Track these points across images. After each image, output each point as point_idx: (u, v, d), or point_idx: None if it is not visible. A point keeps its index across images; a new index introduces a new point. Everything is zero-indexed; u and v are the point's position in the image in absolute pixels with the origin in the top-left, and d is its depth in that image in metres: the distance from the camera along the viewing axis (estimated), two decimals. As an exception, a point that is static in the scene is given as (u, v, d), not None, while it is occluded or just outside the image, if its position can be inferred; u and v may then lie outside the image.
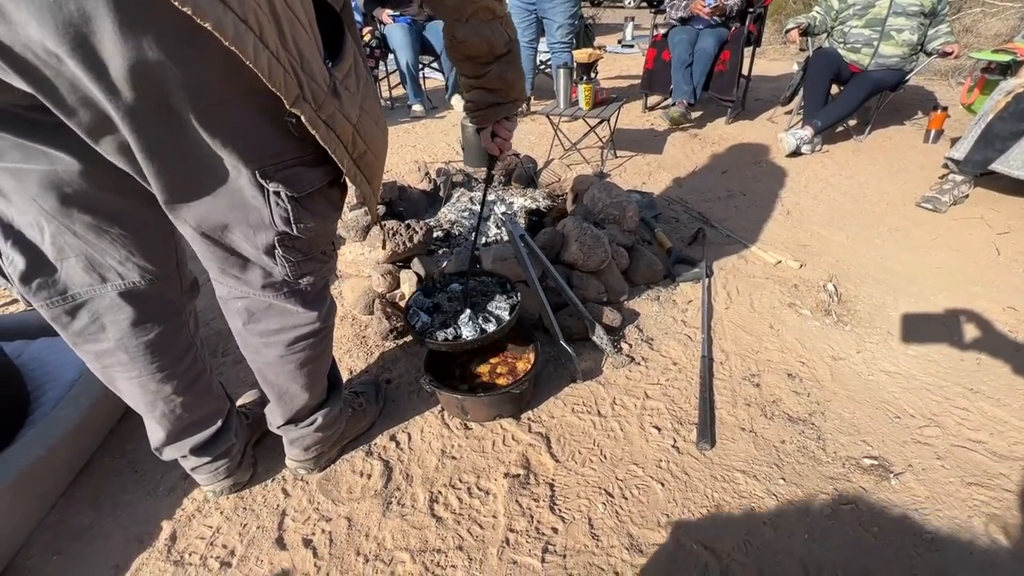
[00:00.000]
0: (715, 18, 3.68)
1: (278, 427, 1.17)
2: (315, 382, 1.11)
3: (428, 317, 1.41)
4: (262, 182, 0.74)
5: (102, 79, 0.57)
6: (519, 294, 1.47)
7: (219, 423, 1.14)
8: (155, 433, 1.09)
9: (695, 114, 3.88)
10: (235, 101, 0.67)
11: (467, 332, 1.35)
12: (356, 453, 1.32)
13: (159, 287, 0.93)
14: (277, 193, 0.76)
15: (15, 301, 1.97)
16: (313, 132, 0.71)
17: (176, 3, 0.52)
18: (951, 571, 1.01)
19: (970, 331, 1.66)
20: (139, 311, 0.91)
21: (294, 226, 0.80)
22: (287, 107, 0.67)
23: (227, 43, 0.57)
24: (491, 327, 1.35)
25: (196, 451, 1.12)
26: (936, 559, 1.03)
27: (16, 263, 0.80)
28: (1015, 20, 5.05)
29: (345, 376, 1.57)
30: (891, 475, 1.21)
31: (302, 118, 0.69)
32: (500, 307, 1.43)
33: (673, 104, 3.89)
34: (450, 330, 1.36)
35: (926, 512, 1.12)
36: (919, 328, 1.68)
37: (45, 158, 0.71)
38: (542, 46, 4.03)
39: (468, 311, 1.39)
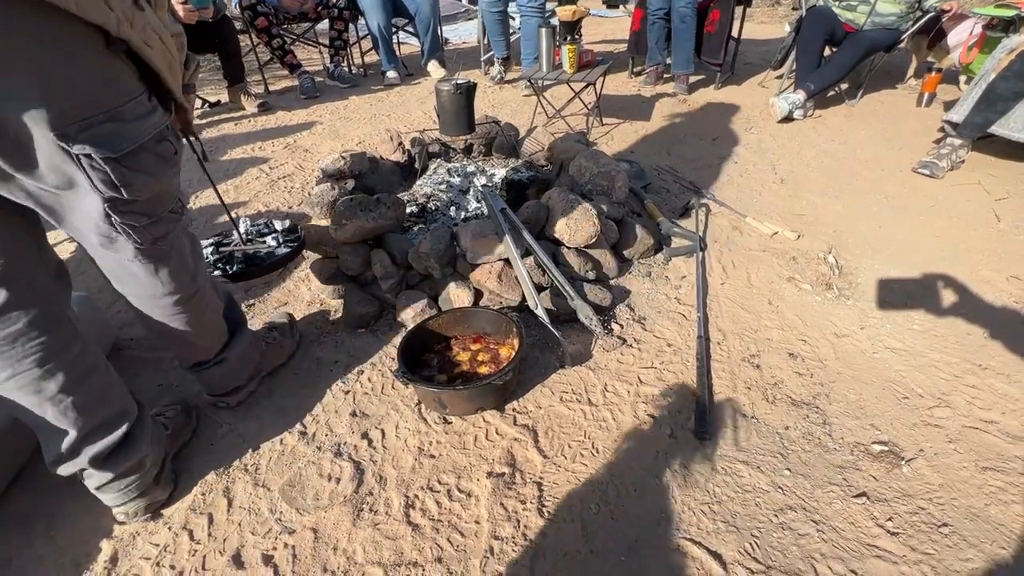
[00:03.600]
0: None
1: (187, 368, 1.17)
2: (207, 330, 1.11)
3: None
4: (63, 145, 0.68)
5: None
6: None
7: (124, 428, 0.98)
8: (49, 445, 0.94)
9: (694, 79, 3.72)
10: (19, 59, 0.63)
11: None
12: (324, 454, 1.19)
13: (13, 271, 0.81)
14: (88, 156, 0.71)
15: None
16: (140, 54, 0.73)
17: None
18: (974, 567, 0.94)
19: (975, 303, 1.58)
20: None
21: (122, 190, 0.76)
22: (114, 36, 0.68)
23: None
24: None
25: (98, 463, 0.95)
26: (955, 554, 0.96)
27: None
28: (1007, -22, 4.91)
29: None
30: (902, 461, 1.12)
31: (131, 42, 0.70)
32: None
33: (644, 70, 3.78)
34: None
35: (941, 501, 1.05)
36: (923, 301, 1.60)
37: None
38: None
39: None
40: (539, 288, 1.54)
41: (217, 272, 1.42)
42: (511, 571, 0.95)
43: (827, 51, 3.33)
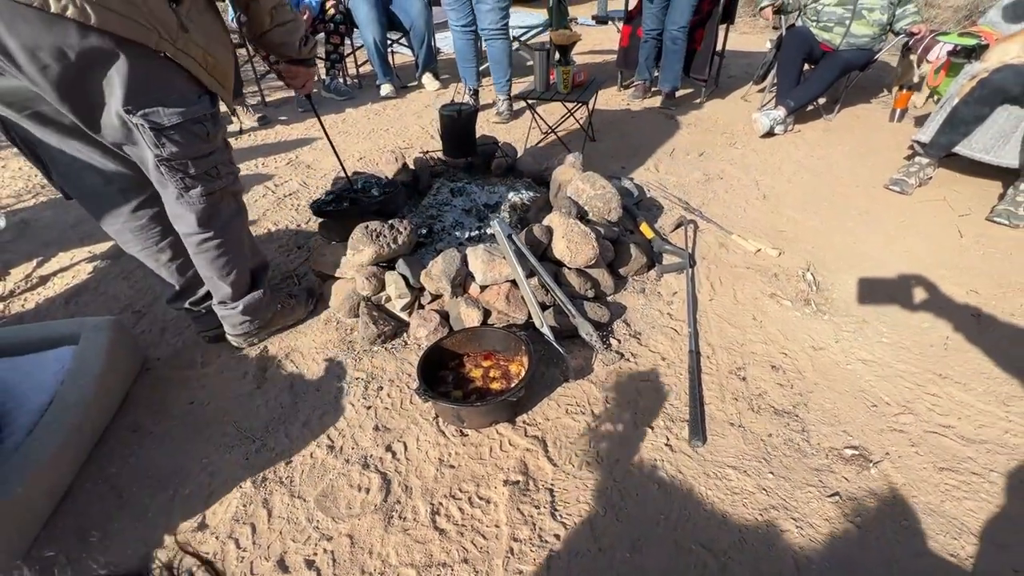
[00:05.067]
0: None
1: (214, 305, 1.54)
2: (229, 274, 1.44)
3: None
4: (125, 117, 1.08)
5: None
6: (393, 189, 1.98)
7: (205, 289, 1.53)
8: (165, 290, 1.55)
9: (681, 92, 3.88)
10: (101, 61, 1.01)
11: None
12: (352, 466, 1.30)
13: (144, 183, 1.30)
14: (140, 126, 1.10)
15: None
16: (177, 61, 1.10)
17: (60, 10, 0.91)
18: (927, 556, 1.08)
19: (938, 316, 1.74)
20: (133, 203, 1.34)
21: (160, 149, 1.15)
22: (152, 48, 1.04)
23: (92, 23, 0.94)
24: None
25: (194, 303, 1.57)
26: (914, 544, 1.10)
27: (57, 177, 1.27)
28: (974, -5, 5.17)
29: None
30: (871, 464, 1.27)
31: (166, 53, 1.07)
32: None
33: (633, 84, 3.90)
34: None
35: (903, 499, 1.19)
36: (891, 315, 1.76)
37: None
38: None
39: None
40: (543, 307, 1.66)
41: (330, 208, 1.88)
42: (530, 569, 1.08)
43: (805, 67, 3.51)
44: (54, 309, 1.88)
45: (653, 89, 3.98)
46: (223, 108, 1.32)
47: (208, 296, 1.57)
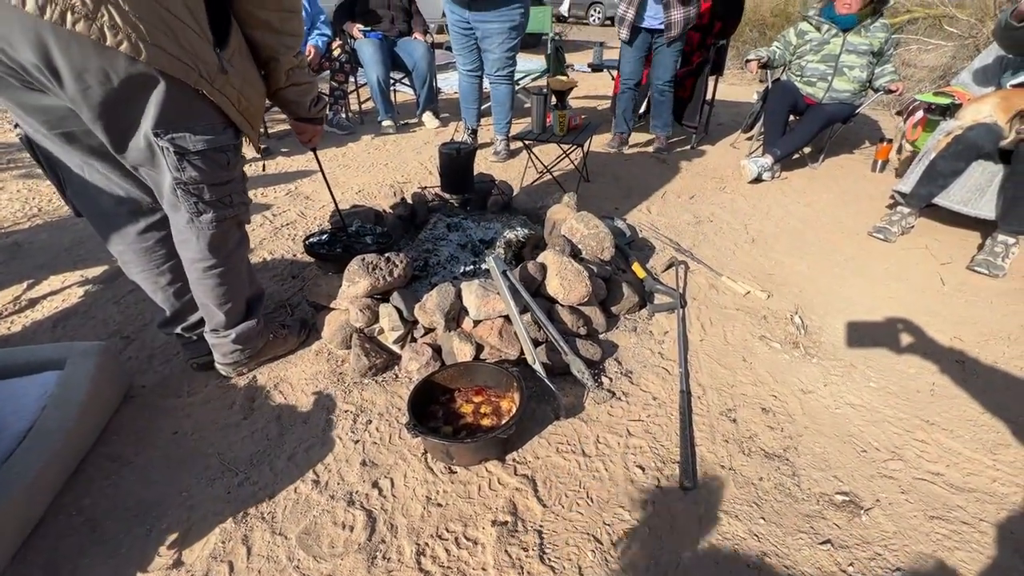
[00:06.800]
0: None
1: (206, 332, 1.55)
2: (226, 303, 1.47)
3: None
4: (153, 140, 1.14)
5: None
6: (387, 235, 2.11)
7: (196, 315, 1.55)
8: (157, 315, 1.58)
9: (672, 139, 4.00)
10: (141, 87, 1.07)
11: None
12: (337, 503, 1.27)
13: (157, 208, 1.36)
14: (166, 149, 1.15)
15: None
16: (211, 98, 1.17)
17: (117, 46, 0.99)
18: (920, 607, 1.07)
19: (923, 362, 1.77)
20: (142, 225, 1.37)
21: (180, 172, 1.20)
22: (191, 85, 1.11)
23: (140, 59, 1.01)
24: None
25: (185, 329, 1.58)
26: (906, 596, 1.09)
27: (71, 195, 1.32)
28: (947, 58, 5.49)
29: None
30: (861, 511, 1.26)
31: (203, 90, 1.14)
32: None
33: (612, 135, 3.93)
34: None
35: (895, 547, 1.18)
36: (878, 360, 1.78)
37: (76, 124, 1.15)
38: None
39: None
40: (536, 343, 1.66)
41: (323, 250, 2.00)
42: (516, 615, 1.04)
43: (791, 118, 3.67)
44: (41, 333, 1.85)
45: (650, 143, 4.09)
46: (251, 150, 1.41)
47: (201, 323, 1.56)
